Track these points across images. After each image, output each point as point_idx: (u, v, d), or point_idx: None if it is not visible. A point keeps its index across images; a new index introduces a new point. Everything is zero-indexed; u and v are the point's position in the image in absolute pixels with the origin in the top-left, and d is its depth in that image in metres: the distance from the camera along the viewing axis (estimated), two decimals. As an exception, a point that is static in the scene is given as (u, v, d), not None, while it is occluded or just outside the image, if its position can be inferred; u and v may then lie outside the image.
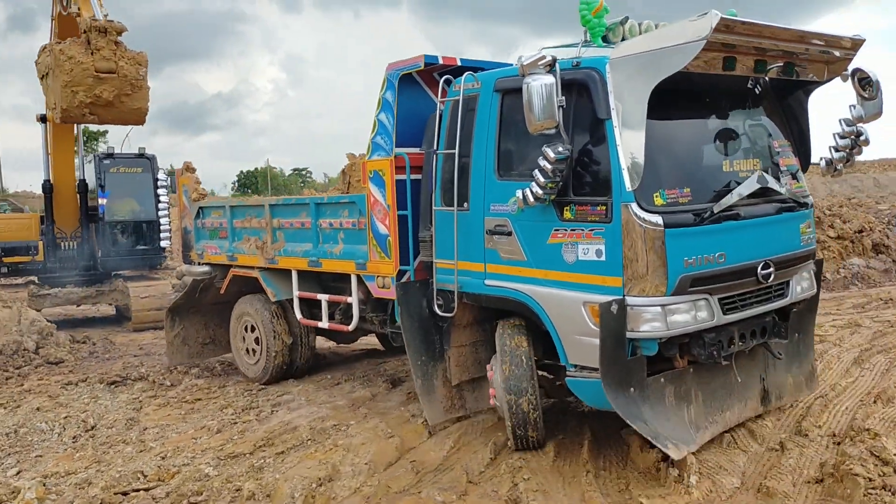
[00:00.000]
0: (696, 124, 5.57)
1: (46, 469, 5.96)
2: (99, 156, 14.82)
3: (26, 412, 7.61)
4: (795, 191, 5.76)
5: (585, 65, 5.08)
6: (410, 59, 6.28)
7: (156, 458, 6.02)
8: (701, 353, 5.19)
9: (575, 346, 5.16)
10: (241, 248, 8.50)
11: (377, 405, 7.08)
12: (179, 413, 7.34)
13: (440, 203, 6.00)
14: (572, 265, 5.14)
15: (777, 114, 6.01)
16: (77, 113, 11.10)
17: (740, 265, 5.18)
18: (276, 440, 6.25)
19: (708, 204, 5.06)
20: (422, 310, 6.23)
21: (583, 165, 5.13)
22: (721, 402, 5.54)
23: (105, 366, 9.78)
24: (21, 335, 10.28)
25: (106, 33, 10.91)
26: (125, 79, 11.14)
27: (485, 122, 5.73)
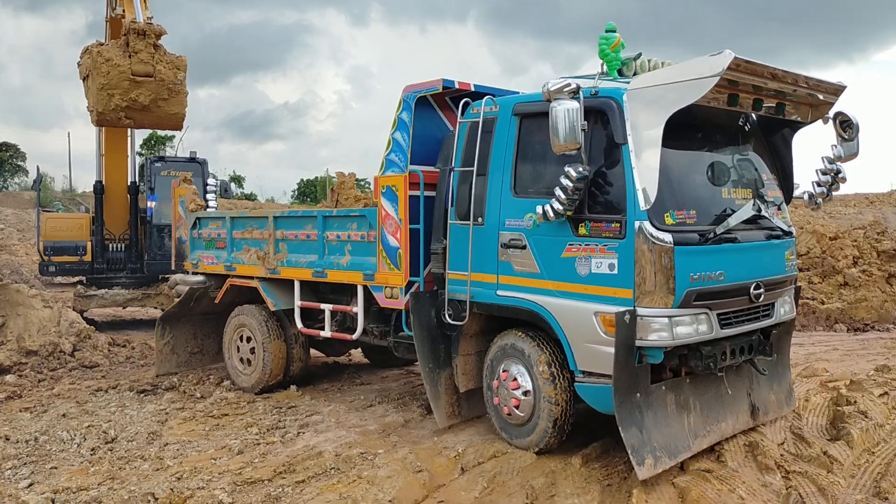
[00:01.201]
0: (699, 153, 6.03)
1: (58, 483, 5.67)
2: (150, 158, 14.80)
3: (52, 418, 7.41)
4: (781, 220, 6.31)
5: (604, 94, 5.53)
6: (428, 83, 6.63)
7: (170, 479, 5.66)
8: (698, 365, 5.60)
9: (585, 353, 5.55)
10: (240, 258, 8.61)
11: (409, 433, 6.63)
12: (203, 429, 7.00)
13: (455, 217, 6.36)
14: (585, 278, 5.53)
15: (764, 149, 6.56)
16: (112, 116, 10.93)
17: (737, 284, 5.68)
18: (297, 466, 5.84)
19: (710, 226, 5.56)
20: (430, 319, 6.58)
21: (599, 186, 5.54)
22: (716, 413, 5.98)
23: (138, 372, 9.57)
24: (59, 336, 10.14)
25: (145, 36, 10.71)
26: (162, 83, 10.92)
27: (502, 143, 6.13)
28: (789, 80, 5.73)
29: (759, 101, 5.82)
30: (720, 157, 6.13)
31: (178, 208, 9.94)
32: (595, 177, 5.51)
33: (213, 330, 9.41)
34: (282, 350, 8.33)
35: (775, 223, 6.17)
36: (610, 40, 5.99)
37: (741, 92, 5.57)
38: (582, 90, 5.36)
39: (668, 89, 5.23)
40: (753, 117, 6.34)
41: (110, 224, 14.23)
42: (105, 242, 14.17)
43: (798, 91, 5.94)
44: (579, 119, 5.20)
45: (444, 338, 6.63)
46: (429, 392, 6.60)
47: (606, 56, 6.00)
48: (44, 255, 14.26)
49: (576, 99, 5.26)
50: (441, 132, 6.85)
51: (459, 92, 6.66)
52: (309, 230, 7.76)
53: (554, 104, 5.22)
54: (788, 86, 5.82)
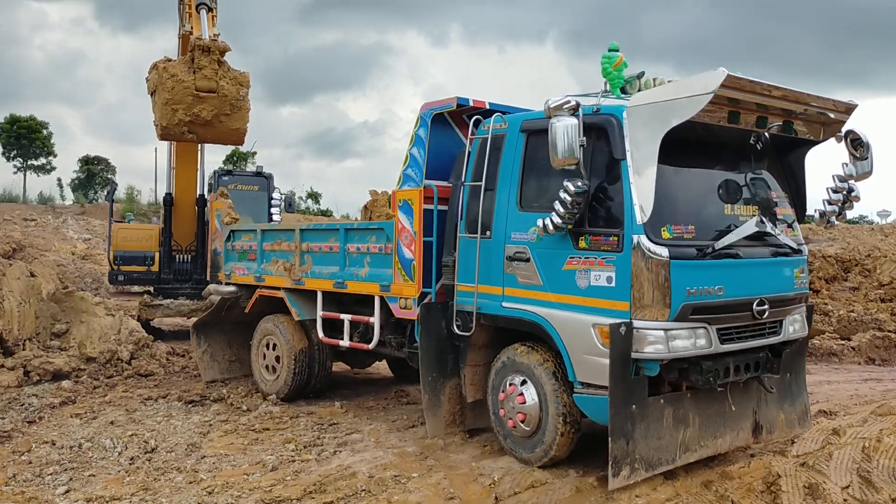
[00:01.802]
0: (703, 170, 6.10)
1: (93, 492, 5.68)
2: (218, 172, 15.08)
3: (100, 425, 7.49)
4: (791, 238, 6.31)
5: (605, 111, 5.66)
6: (444, 101, 6.87)
7: (201, 493, 5.61)
8: (699, 379, 5.63)
9: (583, 364, 5.64)
10: (269, 269, 8.93)
11: (447, 457, 6.39)
12: (243, 443, 6.94)
13: (464, 231, 6.58)
14: (584, 290, 5.65)
15: (777, 168, 6.57)
16: (176, 131, 11.15)
17: (737, 300, 5.71)
18: (328, 487, 5.69)
19: (710, 241, 5.62)
20: (440, 330, 6.73)
21: (598, 200, 5.66)
22: (715, 429, 6.01)
23: (190, 383, 9.64)
24: (118, 344, 10.34)
25: (209, 52, 10.90)
26: (225, 99, 11.08)
27: (510, 159, 6.33)
28: (791, 97, 5.77)
29: (763, 119, 5.89)
30: (725, 174, 6.16)
31: (215, 221, 10.22)
32: (596, 191, 5.66)
33: (247, 339, 9.57)
34: (305, 359, 8.56)
35: (782, 240, 6.18)
36: (612, 59, 6.24)
37: (743, 110, 5.66)
38: (582, 107, 5.50)
39: (665, 106, 5.34)
40: (767, 136, 6.30)
41: (178, 235, 14.53)
42: (172, 253, 14.48)
43: (809, 110, 5.98)
44: (578, 135, 5.35)
45: (453, 348, 6.79)
46: (427, 401, 6.76)
47: (609, 74, 6.24)
48: (113, 265, 14.66)
49: (575, 116, 5.40)
50: (457, 148, 6.97)
51: (476, 109, 6.80)
52: (332, 242, 8.03)
53: (553, 120, 5.39)
54: (796, 104, 5.89)
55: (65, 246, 34.99)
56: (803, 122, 6.16)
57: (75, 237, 39.35)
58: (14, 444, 6.81)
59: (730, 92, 5.31)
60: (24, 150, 57.25)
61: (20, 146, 56.92)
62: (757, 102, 5.68)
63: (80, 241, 37.25)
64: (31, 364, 9.32)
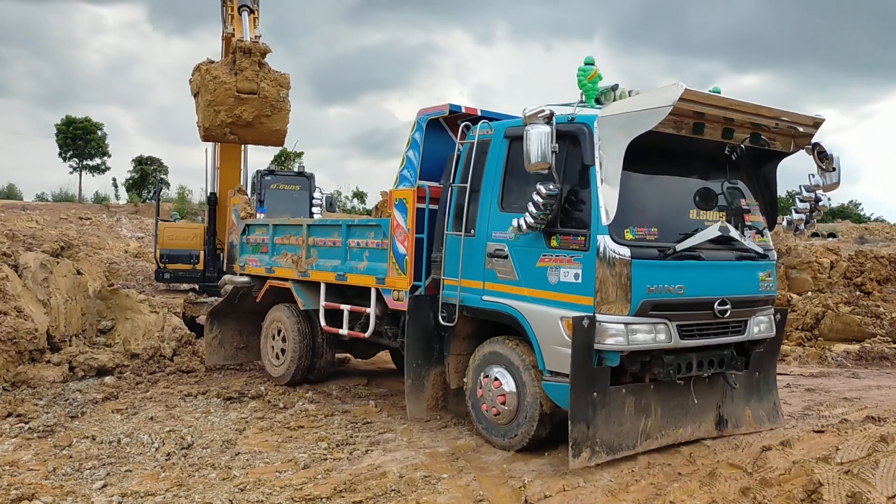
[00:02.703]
0: (672, 177, 6.53)
1: (129, 487, 5.77)
2: (261, 172, 15.22)
3: (139, 421, 7.61)
4: (759, 244, 6.73)
5: (578, 120, 6.10)
6: (438, 107, 7.36)
7: (233, 490, 5.65)
8: (660, 372, 6.07)
9: (552, 354, 6.09)
10: (278, 261, 9.51)
11: (478, 458, 6.34)
12: (277, 440, 6.98)
13: (451, 229, 7.05)
14: (554, 286, 6.11)
15: (750, 177, 7.01)
16: (218, 132, 11.27)
17: (697, 298, 6.14)
18: (358, 486, 5.68)
19: (673, 243, 6.05)
20: (428, 320, 7.20)
21: (569, 202, 6.11)
22: (677, 420, 6.42)
23: (230, 379, 9.74)
24: (161, 341, 10.51)
25: (250, 54, 10.99)
26: (265, 100, 11.17)
27: (494, 163, 6.78)
28: (757, 112, 6.21)
29: (728, 131, 6.31)
30: (696, 181, 6.59)
31: (232, 216, 10.74)
32: (567, 194, 6.10)
33: (257, 328, 10.10)
34: (309, 346, 9.19)
35: (747, 245, 6.58)
36: (587, 72, 6.67)
37: (708, 121, 6.11)
38: (556, 116, 5.94)
39: (630, 117, 5.77)
40: (742, 147, 6.68)
41: (222, 234, 14.71)
42: (217, 252, 14.67)
43: (780, 124, 6.44)
44: (550, 142, 5.79)
45: (440, 338, 7.29)
46: (409, 385, 7.28)
47: (584, 86, 6.66)
48: (160, 263, 14.92)
49: (549, 124, 5.84)
50: (451, 151, 7.33)
51: (468, 115, 7.29)
52: (335, 237, 8.58)
53: (528, 128, 5.86)
54: (765, 119, 6.34)
55: (118, 244, 35.88)
56: (775, 134, 6.60)
57: (128, 235, 40.37)
58: (56, 439, 6.96)
59: (689, 105, 5.76)
60: (80, 150, 58.94)
61: (76, 147, 58.62)
62: (723, 116, 6.13)
63: (133, 239, 38.20)
64: (76, 360, 9.53)
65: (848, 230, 48.79)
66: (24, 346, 8.94)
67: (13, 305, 9.02)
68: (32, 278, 9.81)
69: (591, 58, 6.72)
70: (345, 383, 9.54)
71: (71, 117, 59.66)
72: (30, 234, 12.54)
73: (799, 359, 12.13)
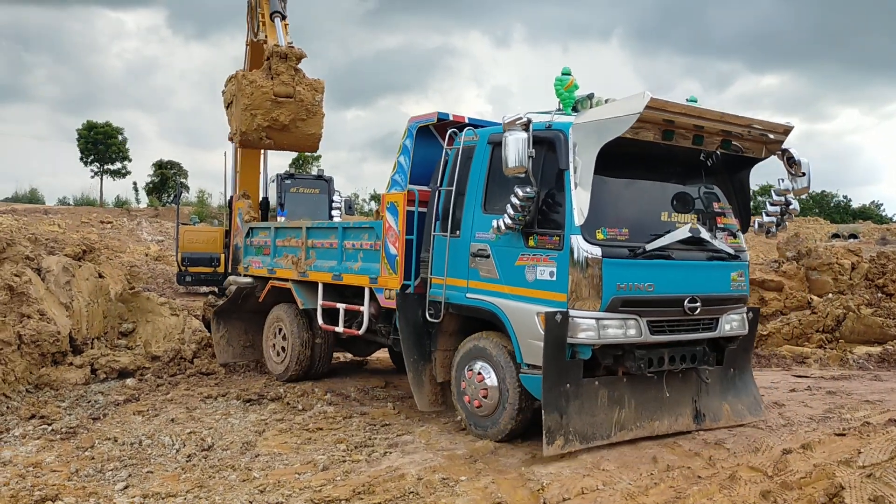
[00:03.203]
0: (645, 181, 6.84)
1: (150, 488, 5.82)
2: (281, 176, 15.32)
3: (160, 422, 7.68)
4: (731, 245, 7.08)
5: (555, 127, 6.44)
6: (427, 115, 7.77)
7: (253, 492, 5.69)
8: (631, 366, 6.44)
9: (528, 348, 6.40)
10: (279, 263, 9.92)
11: (497, 461, 6.33)
12: (296, 442, 7.02)
13: (438, 230, 7.38)
14: (532, 283, 6.45)
15: (724, 182, 7.34)
16: (255, 136, 11.30)
17: (667, 296, 6.48)
18: (377, 488, 5.70)
19: (643, 243, 6.40)
20: (417, 317, 7.52)
21: (546, 204, 6.44)
22: (652, 413, 6.73)
23: (249, 382, 9.82)
24: (182, 343, 10.61)
25: (286, 59, 11.06)
26: (301, 104, 11.23)
27: (478, 168, 7.13)
28: (718, 118, 6.46)
29: (699, 138, 6.57)
30: (668, 185, 6.89)
31: (237, 219, 11.15)
32: (545, 197, 6.42)
33: (261, 327, 10.44)
34: (309, 344, 9.57)
35: (718, 246, 6.90)
36: (564, 82, 7.05)
37: (678, 128, 6.36)
38: (534, 123, 6.28)
39: (601, 124, 6.10)
40: (718, 153, 6.95)
41: (242, 237, 14.82)
42: (236, 255, 14.77)
43: (752, 132, 6.74)
44: (527, 148, 6.11)
45: (430, 335, 7.57)
46: (412, 379, 7.55)
47: (561, 95, 7.02)
48: (181, 266, 15.06)
49: (526, 131, 6.16)
50: (440, 157, 7.67)
51: (455, 123, 7.66)
52: (332, 239, 8.97)
53: (507, 134, 6.19)
54: (736, 126, 6.62)
55: (139, 247, 36.18)
56: (747, 141, 6.87)
57: (149, 239, 40.70)
58: (78, 440, 7.05)
59: (658, 113, 6.07)
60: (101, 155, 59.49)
61: (97, 151, 59.16)
62: (694, 123, 6.41)
63: (154, 242, 38.50)
64: (98, 362, 9.64)
65: (869, 231, 48.25)
66: (47, 349, 9.06)
67: (36, 308, 9.14)
68: (55, 282, 9.94)
69: (568, 68, 7.13)
70: (363, 385, 9.59)
71: (92, 122, 60.24)
72: (52, 237, 12.69)
73: (820, 361, 12.02)
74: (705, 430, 7.02)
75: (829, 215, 71.40)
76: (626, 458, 6.23)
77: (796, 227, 51.76)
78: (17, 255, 9.78)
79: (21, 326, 8.86)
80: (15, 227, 14.09)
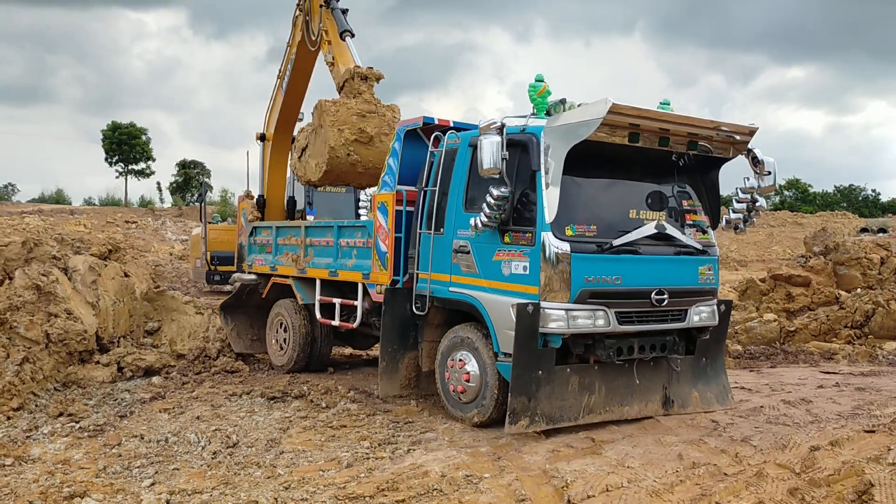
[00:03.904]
0: (614, 180, 7.26)
1: (176, 485, 5.86)
2: (309, 175, 15.30)
3: (186, 420, 7.74)
4: (700, 241, 7.46)
5: (528, 130, 6.86)
6: (414, 119, 8.39)
7: (278, 488, 5.71)
8: (602, 354, 6.86)
9: (504, 337, 6.82)
10: (281, 260, 10.43)
11: (521, 458, 6.31)
12: (320, 439, 7.05)
13: (424, 228, 7.86)
14: (507, 277, 6.90)
15: (694, 181, 7.70)
16: (342, 153, 11.10)
17: (634, 288, 6.89)
18: (401, 485, 5.70)
19: (611, 239, 6.79)
20: (404, 310, 8.01)
21: (520, 203, 6.86)
22: (622, 398, 7.19)
23: (273, 379, 9.86)
24: (206, 342, 10.70)
25: (366, 80, 11.03)
26: (383, 118, 11.18)
27: (460, 169, 7.56)
28: (683, 122, 6.83)
29: (664, 139, 6.89)
30: (637, 184, 7.29)
31: (241, 219, 11.68)
32: (519, 196, 6.83)
33: (265, 322, 10.90)
34: (309, 337, 10.06)
35: (685, 241, 7.29)
36: (537, 88, 7.42)
37: (643, 131, 6.70)
38: (508, 127, 6.70)
39: (569, 128, 6.52)
40: (690, 154, 7.28)
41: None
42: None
43: (720, 133, 7.09)
44: (500, 150, 6.49)
45: (415, 326, 8.07)
46: (383, 367, 8.03)
47: (534, 100, 7.40)
48: (210, 265, 15.11)
49: (500, 134, 6.55)
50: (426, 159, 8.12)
51: (441, 126, 8.16)
52: (328, 237, 9.48)
53: (482, 137, 6.58)
54: (703, 129, 6.96)
55: (163, 247, 36.57)
56: (715, 142, 7.20)
57: (173, 238, 41.15)
58: (106, 438, 7.12)
59: (622, 118, 6.43)
60: (125, 155, 60.16)
61: (121, 152, 59.84)
62: (659, 126, 6.73)
63: (178, 241, 38.91)
64: (124, 360, 9.74)
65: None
66: (74, 348, 9.17)
67: (63, 308, 9.25)
68: (81, 281, 10.05)
69: (541, 75, 7.51)
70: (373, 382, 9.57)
71: (117, 123, 60.95)
72: (78, 237, 12.82)
73: (848, 357, 11.86)
74: (723, 430, 6.98)
75: (858, 209, 70.52)
76: (652, 456, 6.19)
77: (823, 221, 51.22)
78: (45, 255, 9.90)
79: (49, 325, 8.97)
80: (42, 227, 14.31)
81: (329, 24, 11.57)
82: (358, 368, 10.94)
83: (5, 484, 5.81)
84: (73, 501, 5.44)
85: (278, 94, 12.80)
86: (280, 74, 12.78)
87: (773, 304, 14.23)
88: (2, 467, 6.27)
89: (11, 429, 7.41)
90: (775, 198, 73.45)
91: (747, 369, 11.03)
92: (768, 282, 14.95)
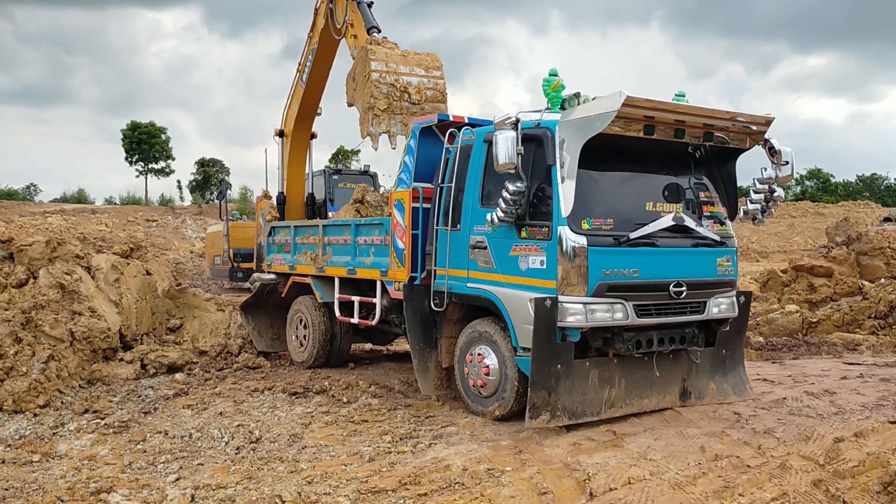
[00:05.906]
0: (631, 173, 7.21)
1: (201, 479, 5.92)
2: (329, 171, 15.39)
3: (209, 416, 7.81)
4: (718, 232, 7.45)
5: (543, 125, 6.85)
6: (429, 116, 8.61)
7: (301, 483, 5.75)
8: (620, 347, 6.84)
9: (522, 332, 6.83)
10: (299, 259, 10.55)
11: (542, 451, 6.32)
12: (342, 434, 7.09)
13: (441, 224, 7.89)
14: (525, 272, 6.89)
15: (711, 172, 7.68)
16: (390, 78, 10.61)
17: (652, 281, 6.86)
18: (423, 479, 5.72)
19: (629, 232, 6.76)
20: (423, 307, 7.98)
21: (537, 198, 6.87)
22: (641, 391, 7.15)
23: (294, 375, 9.93)
24: (228, 338, 10.79)
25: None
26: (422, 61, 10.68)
27: (475, 165, 7.58)
28: (697, 113, 6.80)
29: (680, 131, 6.89)
30: (654, 176, 7.26)
31: (259, 219, 11.69)
32: (535, 190, 6.84)
33: (284, 321, 11.05)
34: (328, 334, 10.15)
35: (703, 233, 7.25)
36: (551, 83, 7.39)
37: (659, 123, 6.68)
38: (522, 122, 6.69)
39: (584, 121, 6.49)
40: (707, 145, 7.29)
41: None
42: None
43: (736, 124, 7.05)
44: (515, 145, 6.52)
45: (435, 323, 8.03)
46: (417, 365, 8.05)
47: (548, 95, 7.35)
48: (233, 262, 15.21)
49: (515, 129, 6.58)
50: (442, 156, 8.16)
51: (454, 123, 8.14)
52: (346, 236, 9.54)
53: (497, 133, 6.60)
54: (720, 120, 6.94)
55: (183, 245, 36.88)
56: (731, 133, 7.17)
57: (193, 236, 41.45)
58: (131, 434, 7.21)
59: (637, 110, 6.40)
60: (145, 154, 60.61)
61: (141, 151, 60.29)
62: (674, 118, 6.72)
63: (198, 239, 39.18)
64: (147, 358, 9.85)
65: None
66: (98, 345, 9.28)
67: (87, 306, 9.37)
68: (104, 279, 10.16)
69: (555, 69, 7.48)
70: (406, 378, 9.64)
71: (136, 122, 61.39)
72: (100, 236, 12.97)
73: (872, 348, 11.74)
74: (746, 422, 6.94)
75: (881, 198, 69.64)
76: (674, 448, 6.17)
77: (845, 211, 50.63)
78: (68, 254, 10.02)
79: (73, 323, 9.09)
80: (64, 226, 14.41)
81: (355, 18, 11.39)
82: (378, 363, 11.00)
83: (33, 480, 5.91)
84: (99, 497, 5.52)
85: (298, 87, 12.66)
86: (300, 67, 12.69)
87: (795, 295, 14.12)
88: (30, 463, 6.37)
89: (38, 426, 7.54)
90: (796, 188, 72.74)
91: (770, 361, 10.95)
92: (790, 273, 14.83)
